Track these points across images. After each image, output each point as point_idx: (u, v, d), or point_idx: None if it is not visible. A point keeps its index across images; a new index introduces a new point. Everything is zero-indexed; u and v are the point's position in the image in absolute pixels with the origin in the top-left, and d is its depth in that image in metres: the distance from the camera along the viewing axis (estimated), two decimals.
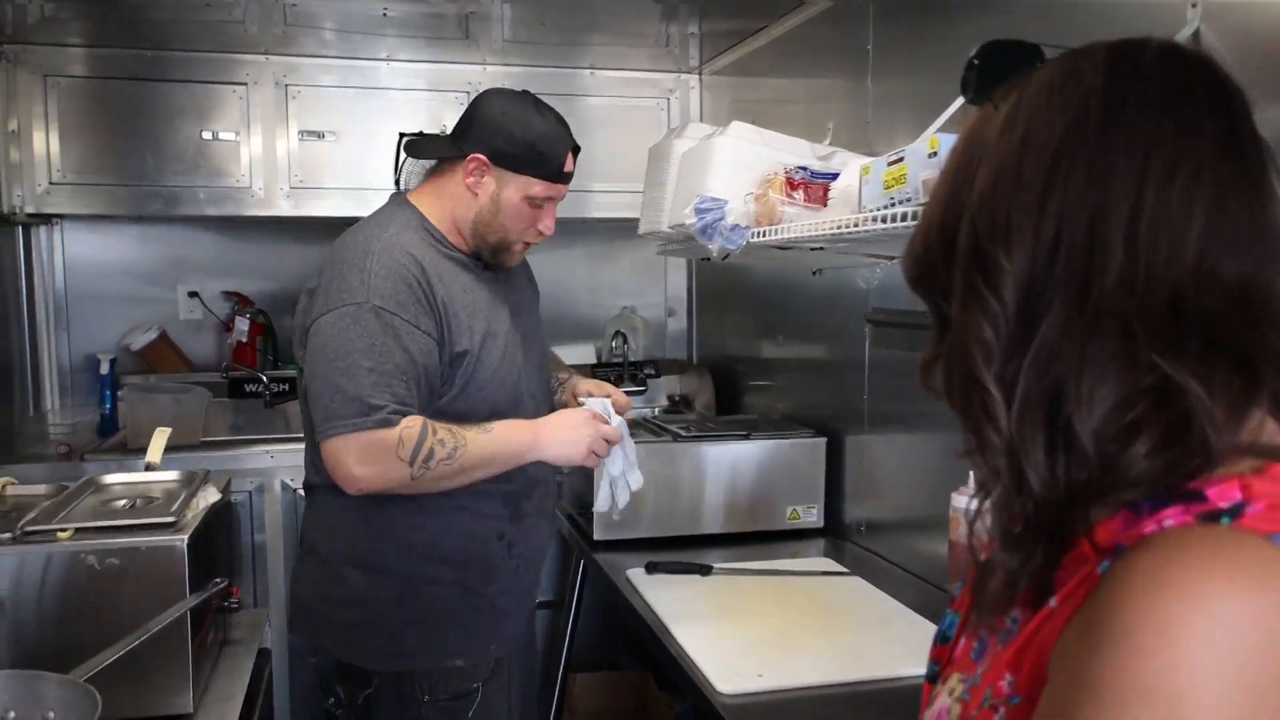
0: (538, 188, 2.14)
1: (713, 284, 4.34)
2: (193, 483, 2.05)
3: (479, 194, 2.15)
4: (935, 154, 1.67)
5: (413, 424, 1.98)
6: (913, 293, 0.93)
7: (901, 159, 1.79)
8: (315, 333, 2.04)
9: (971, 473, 2.31)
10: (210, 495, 2.01)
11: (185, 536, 1.77)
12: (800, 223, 2.20)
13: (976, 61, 1.24)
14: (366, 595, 2.13)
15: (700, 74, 4.20)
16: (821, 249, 2.38)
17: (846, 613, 2.36)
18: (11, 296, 3.73)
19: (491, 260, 2.22)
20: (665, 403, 4.24)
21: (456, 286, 2.13)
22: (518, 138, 2.12)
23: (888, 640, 2.19)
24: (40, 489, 2.13)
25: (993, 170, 0.82)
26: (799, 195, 2.33)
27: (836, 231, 2.02)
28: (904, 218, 1.76)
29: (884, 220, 1.82)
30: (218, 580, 1.88)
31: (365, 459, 1.97)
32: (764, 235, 2.31)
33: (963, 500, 2.29)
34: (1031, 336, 0.78)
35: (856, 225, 1.95)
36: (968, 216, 0.83)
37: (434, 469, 1.98)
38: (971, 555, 0.87)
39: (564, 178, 2.18)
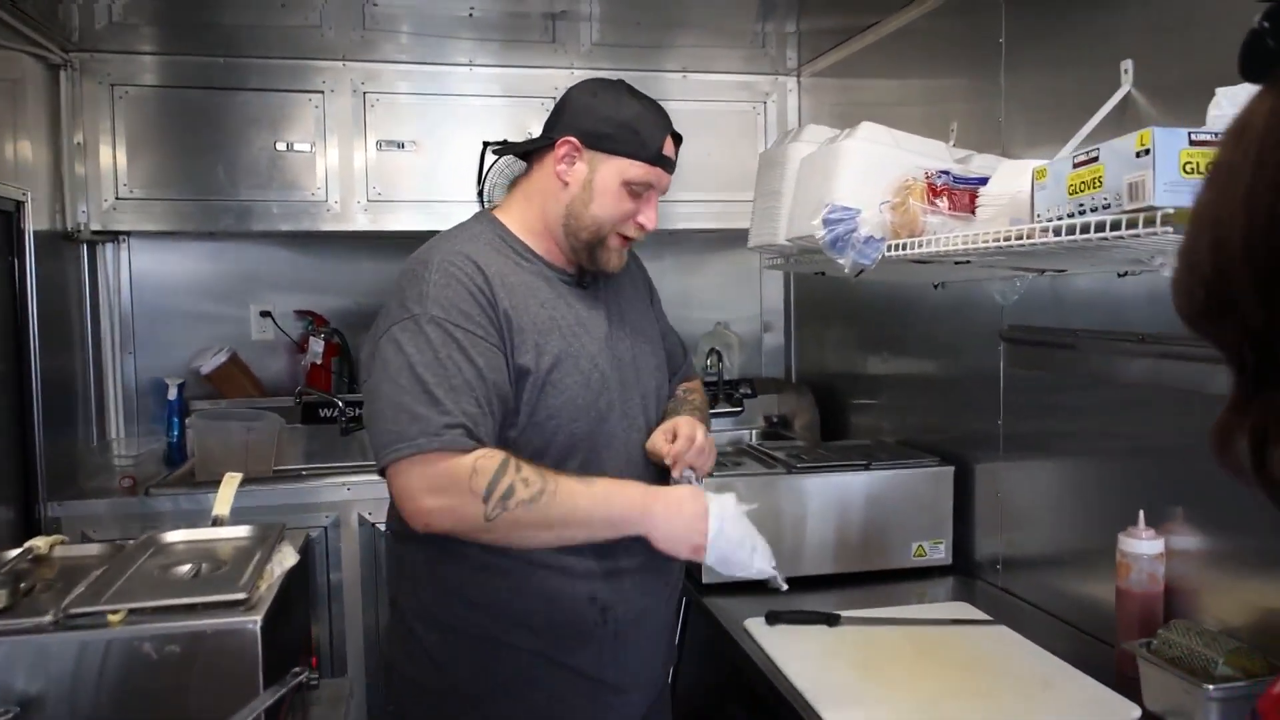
0: (636, 170, 1.89)
1: (812, 296, 4.09)
2: (266, 541, 1.81)
3: (570, 182, 1.90)
4: (1148, 152, 1.41)
5: (491, 455, 1.72)
6: (1194, 332, 0.68)
7: (1096, 158, 1.52)
8: (374, 355, 1.82)
9: (1141, 512, 2.06)
10: (287, 558, 1.78)
11: (258, 618, 1.53)
12: (952, 234, 1.94)
13: (1266, 25, 0.98)
14: (441, 657, 1.88)
15: (799, 76, 3.97)
16: (968, 262, 2.12)
17: (1001, 671, 2.09)
18: (76, 317, 3.58)
19: (589, 265, 1.95)
20: (762, 424, 4.02)
21: (531, 301, 1.88)
22: (611, 117, 1.89)
23: (1055, 707, 1.93)
24: (93, 550, 1.92)
25: None
26: (943, 203, 2.08)
27: (1002, 244, 1.76)
28: (1101, 228, 1.49)
29: (1071, 231, 1.56)
30: (297, 670, 1.63)
31: (435, 487, 1.71)
32: (905, 248, 2.06)
33: (1134, 544, 2.07)
34: None
35: (1029, 236, 1.69)
36: None
37: (513, 511, 1.70)
38: None
39: (664, 161, 1.92)
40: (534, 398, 1.83)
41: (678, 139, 1.97)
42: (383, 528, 3.20)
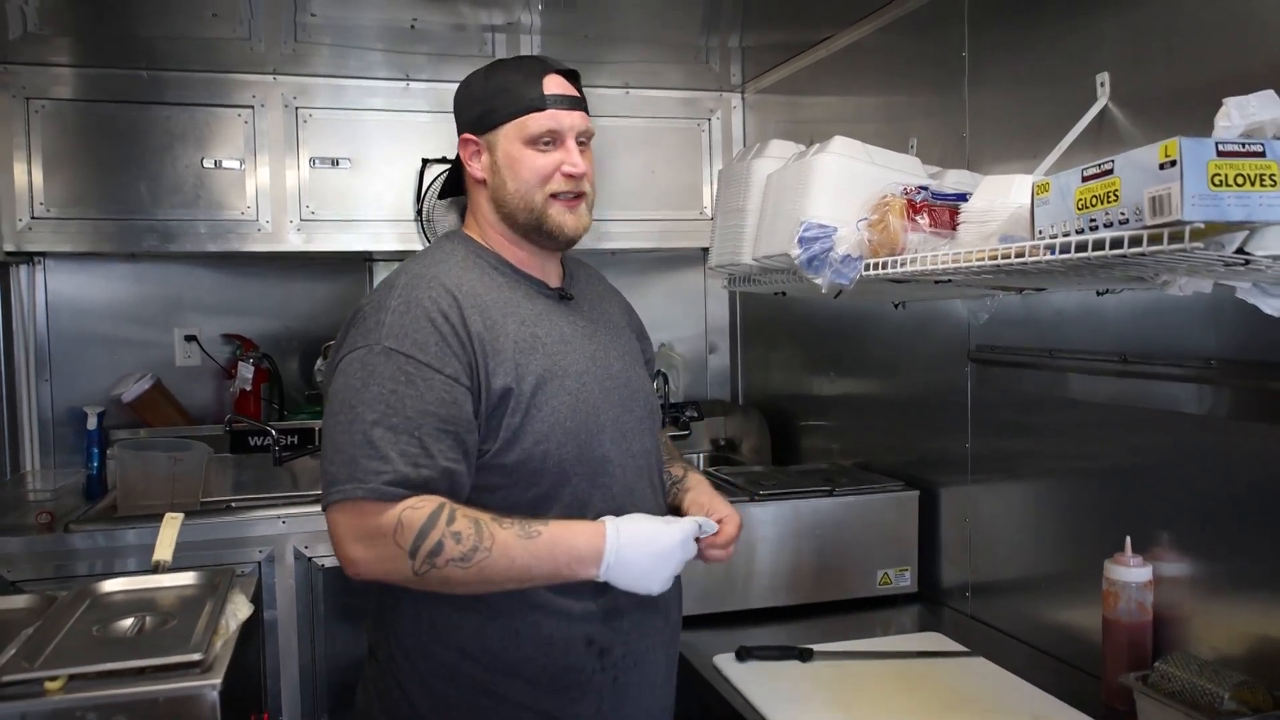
0: (529, 124, 1.79)
1: (759, 316, 4.02)
2: (216, 589, 1.65)
3: (485, 175, 1.84)
4: (1174, 163, 1.33)
5: (422, 505, 1.60)
6: None
7: (1110, 171, 1.45)
8: (330, 384, 1.71)
9: (1129, 538, 2.00)
10: (241, 608, 1.62)
11: (217, 681, 1.39)
12: (938, 252, 1.86)
13: None
14: (426, 711, 1.73)
15: (743, 92, 3.93)
16: (949, 281, 2.04)
17: (987, 708, 2.01)
18: None
19: (549, 244, 1.85)
20: (709, 447, 3.93)
21: (509, 320, 1.76)
22: (483, 93, 1.83)
23: None
24: (19, 602, 1.74)
25: None
26: (923, 220, 2.01)
27: (1000, 262, 1.68)
28: (1119, 244, 1.41)
29: (1083, 248, 1.48)
30: None
31: (361, 536, 1.60)
32: (884, 267, 1.97)
33: (1121, 571, 2.00)
34: None
35: (1030, 254, 1.61)
36: None
37: (442, 569, 1.59)
38: None
39: (553, 101, 1.80)
40: (518, 421, 1.71)
41: (571, 74, 1.86)
42: (320, 563, 3.06)
